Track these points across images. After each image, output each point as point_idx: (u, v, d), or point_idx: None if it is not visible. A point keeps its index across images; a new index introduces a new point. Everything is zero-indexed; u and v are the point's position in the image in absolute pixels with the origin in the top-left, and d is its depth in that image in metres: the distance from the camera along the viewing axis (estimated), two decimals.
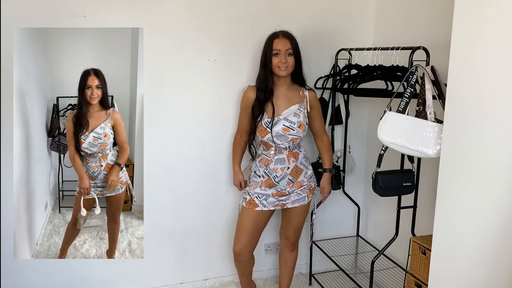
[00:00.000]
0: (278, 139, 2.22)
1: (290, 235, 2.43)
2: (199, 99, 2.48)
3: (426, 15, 2.31)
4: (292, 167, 2.26)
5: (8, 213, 2.28)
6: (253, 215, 2.28)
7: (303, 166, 2.31)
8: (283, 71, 2.17)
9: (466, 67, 1.40)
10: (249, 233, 2.30)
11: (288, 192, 2.29)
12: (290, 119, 2.22)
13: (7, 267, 2.33)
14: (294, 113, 2.23)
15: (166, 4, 2.34)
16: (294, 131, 2.22)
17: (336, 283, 2.76)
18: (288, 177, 2.27)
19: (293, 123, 2.22)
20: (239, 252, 2.33)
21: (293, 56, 2.18)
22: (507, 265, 1.31)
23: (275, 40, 2.17)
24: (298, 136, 2.24)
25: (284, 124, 2.21)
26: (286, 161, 2.25)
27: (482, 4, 1.33)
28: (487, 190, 1.36)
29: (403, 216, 2.18)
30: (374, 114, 2.77)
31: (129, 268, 2.59)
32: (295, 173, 2.28)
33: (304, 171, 2.31)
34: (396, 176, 2.08)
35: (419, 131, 1.82)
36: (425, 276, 1.97)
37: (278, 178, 2.26)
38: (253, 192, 2.29)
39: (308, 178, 2.33)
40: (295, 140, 2.24)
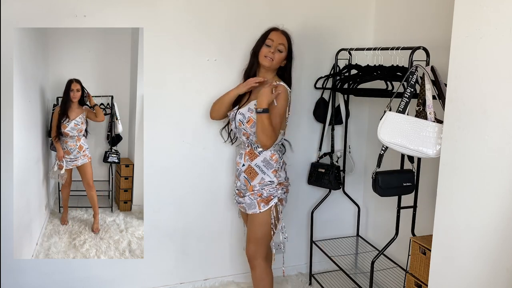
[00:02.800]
0: (237, 131, 2.22)
1: (247, 246, 2.22)
2: (199, 99, 2.48)
3: (426, 15, 2.31)
4: (246, 166, 2.20)
5: (8, 213, 2.28)
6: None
7: (259, 169, 2.16)
8: (267, 62, 2.14)
9: (466, 67, 1.40)
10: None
11: (243, 194, 2.22)
12: (243, 113, 2.17)
13: (7, 267, 2.33)
14: (249, 108, 2.17)
15: (166, 4, 2.34)
16: (243, 126, 2.16)
17: (336, 283, 2.76)
18: (243, 175, 2.20)
19: (244, 117, 2.16)
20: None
21: (283, 54, 2.16)
22: (507, 265, 1.31)
23: (273, 32, 2.18)
24: (247, 132, 2.16)
25: (239, 118, 2.18)
26: (242, 158, 2.22)
27: (482, 4, 1.33)
28: (487, 190, 1.36)
29: (403, 216, 2.18)
30: (374, 114, 2.77)
31: (129, 268, 2.59)
32: (249, 173, 2.18)
33: (259, 176, 2.15)
34: (396, 176, 2.08)
35: (419, 131, 1.82)
36: (425, 276, 1.97)
37: (238, 172, 2.24)
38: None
39: (262, 185, 2.15)
40: (246, 135, 2.17)
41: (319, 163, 2.70)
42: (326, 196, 2.77)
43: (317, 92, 2.68)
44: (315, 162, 2.73)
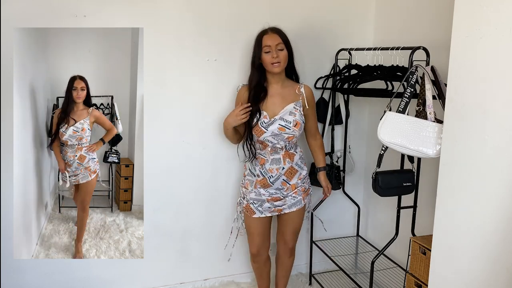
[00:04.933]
0: (274, 138, 2.20)
1: (288, 240, 2.39)
2: (199, 99, 2.48)
3: (426, 15, 2.31)
4: (287, 167, 2.25)
5: (8, 213, 2.28)
6: (255, 220, 2.29)
7: (298, 167, 2.29)
8: (277, 68, 2.14)
9: (466, 67, 1.40)
10: (260, 235, 2.33)
11: (283, 196, 2.27)
12: (285, 118, 2.20)
13: (7, 267, 2.33)
14: (289, 112, 2.20)
15: (166, 4, 2.34)
16: (290, 130, 2.20)
17: (336, 283, 2.76)
18: (282, 178, 2.25)
19: (288, 122, 2.19)
20: (256, 252, 2.36)
21: (284, 50, 2.15)
22: (507, 265, 1.31)
23: (264, 37, 2.15)
24: (293, 135, 2.21)
25: (280, 123, 2.19)
26: (281, 162, 2.24)
27: (482, 4, 1.33)
28: (487, 190, 1.36)
29: (403, 216, 2.18)
30: (374, 114, 2.77)
31: (129, 268, 2.59)
32: (290, 174, 2.26)
33: (298, 172, 2.29)
34: (396, 176, 2.08)
35: (419, 131, 1.82)
36: (425, 276, 1.97)
37: (273, 179, 2.24)
38: (248, 198, 2.29)
39: (302, 179, 2.31)
40: (291, 139, 2.22)
41: None
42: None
43: (317, 92, 2.68)
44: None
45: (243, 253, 2.68)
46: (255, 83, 2.20)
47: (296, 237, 2.42)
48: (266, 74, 2.21)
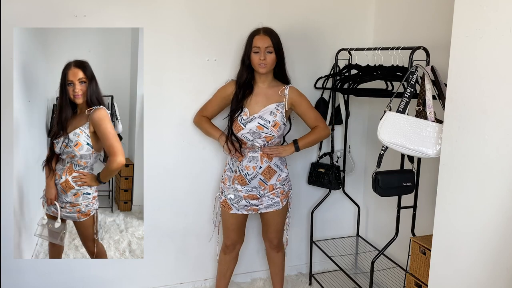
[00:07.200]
0: (252, 135, 2.21)
1: (272, 237, 2.41)
2: (199, 99, 2.48)
3: (426, 15, 2.31)
4: (264, 167, 2.24)
5: (8, 213, 2.28)
6: (232, 216, 2.32)
7: (277, 168, 2.27)
8: (263, 68, 2.16)
9: (466, 67, 1.40)
10: (235, 231, 2.37)
11: (260, 195, 2.27)
12: (265, 118, 2.21)
13: (7, 267, 2.33)
14: (270, 112, 2.22)
15: (166, 4, 2.34)
16: (268, 130, 2.20)
17: (336, 283, 2.76)
18: (259, 177, 2.25)
19: (268, 122, 2.20)
20: (230, 244, 2.39)
21: (273, 54, 2.17)
22: (507, 265, 1.31)
23: (255, 37, 2.17)
24: (272, 135, 2.21)
25: (259, 122, 2.20)
26: (259, 160, 2.24)
27: (482, 4, 1.33)
28: (487, 190, 1.36)
29: (403, 216, 2.18)
30: (374, 114, 2.77)
31: (129, 268, 2.59)
32: (267, 174, 2.25)
33: (277, 173, 2.28)
34: (396, 176, 2.08)
35: (419, 131, 1.82)
36: (425, 276, 1.97)
37: (250, 177, 2.24)
38: (226, 193, 2.30)
39: (281, 181, 2.30)
40: (269, 139, 2.22)
41: (319, 163, 2.70)
42: (326, 196, 2.77)
43: (317, 92, 2.68)
44: (315, 162, 2.73)
45: (243, 253, 2.68)
46: (243, 81, 2.23)
47: (279, 235, 2.42)
48: (254, 73, 2.24)
